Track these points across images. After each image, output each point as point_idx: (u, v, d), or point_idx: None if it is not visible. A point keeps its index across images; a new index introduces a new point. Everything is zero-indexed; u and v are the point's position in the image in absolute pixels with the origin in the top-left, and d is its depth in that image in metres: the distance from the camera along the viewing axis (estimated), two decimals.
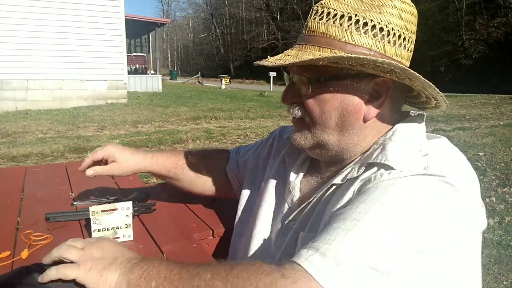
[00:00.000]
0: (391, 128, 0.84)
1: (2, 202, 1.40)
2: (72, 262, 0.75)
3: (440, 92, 0.80)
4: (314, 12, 0.82)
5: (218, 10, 61.23)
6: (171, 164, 1.26)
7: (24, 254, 0.98)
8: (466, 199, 0.71)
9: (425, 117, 0.88)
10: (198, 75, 34.80)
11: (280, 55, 0.84)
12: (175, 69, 61.01)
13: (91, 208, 1.05)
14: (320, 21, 0.79)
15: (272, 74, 24.32)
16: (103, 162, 1.22)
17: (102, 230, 1.06)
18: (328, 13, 0.79)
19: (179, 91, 19.64)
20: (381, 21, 0.77)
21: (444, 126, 8.48)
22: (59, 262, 0.76)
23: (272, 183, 1.05)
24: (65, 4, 11.74)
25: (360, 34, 0.77)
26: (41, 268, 0.75)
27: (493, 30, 26.59)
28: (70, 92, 12.20)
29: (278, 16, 46.88)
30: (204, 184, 1.29)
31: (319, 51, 0.78)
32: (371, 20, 0.76)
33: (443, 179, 0.70)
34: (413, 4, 0.82)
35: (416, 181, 0.70)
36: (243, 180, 1.22)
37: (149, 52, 24.16)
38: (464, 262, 0.71)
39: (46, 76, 11.73)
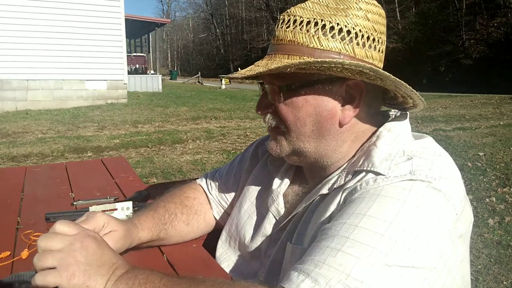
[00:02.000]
0: (374, 132, 0.83)
1: (2, 202, 1.40)
2: None
3: (414, 90, 0.79)
4: (281, 21, 0.82)
5: (218, 10, 61.24)
6: (158, 222, 1.02)
7: (24, 254, 0.98)
8: (453, 204, 0.70)
9: (408, 116, 0.86)
10: (198, 75, 34.81)
11: (251, 66, 0.83)
12: (175, 69, 61.00)
13: (91, 208, 1.05)
14: (287, 29, 0.79)
15: None
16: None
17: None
18: (295, 21, 0.79)
19: (179, 91, 19.65)
20: (348, 24, 0.76)
21: (444, 126, 8.48)
22: None
23: (256, 191, 1.04)
24: (65, 4, 11.74)
25: (327, 39, 0.76)
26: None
27: (493, 30, 26.58)
28: (70, 92, 12.21)
29: (278, 16, 46.82)
30: (196, 230, 1.12)
31: (288, 59, 0.77)
32: (337, 24, 0.76)
33: (430, 185, 0.68)
34: (379, 5, 0.82)
35: (403, 188, 0.68)
36: (231, 203, 1.15)
37: (149, 52, 24.16)
38: (453, 271, 0.69)
39: (46, 76, 11.74)
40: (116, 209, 1.07)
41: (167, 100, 14.88)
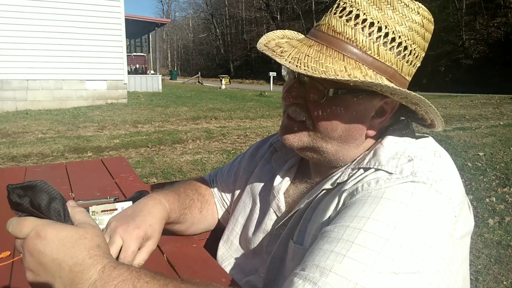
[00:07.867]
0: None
1: (2, 202, 1.40)
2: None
3: (442, 119, 0.81)
4: (341, 9, 0.75)
5: (218, 10, 61.25)
6: (181, 205, 1.05)
7: None
8: (452, 207, 0.69)
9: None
10: (198, 75, 34.82)
11: (293, 51, 0.74)
12: (175, 69, 61.04)
13: (91, 208, 1.05)
14: (348, 23, 0.73)
15: (272, 74, 24.32)
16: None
17: (102, 230, 1.06)
18: (357, 16, 0.73)
19: (179, 91, 19.64)
20: (408, 39, 0.74)
21: (444, 126, 8.47)
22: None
23: (258, 189, 1.04)
24: (65, 4, 11.74)
25: (386, 50, 0.73)
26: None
27: (493, 30, 26.60)
28: (70, 92, 12.21)
29: (278, 16, 46.87)
30: (204, 220, 1.15)
31: (343, 60, 0.72)
32: (399, 37, 0.73)
33: (432, 187, 0.68)
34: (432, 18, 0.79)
35: (405, 190, 0.67)
36: (231, 201, 1.17)
37: (149, 52, 24.16)
38: (455, 273, 0.69)
39: (46, 76, 11.74)
40: (116, 209, 1.06)
41: (167, 100, 14.88)
